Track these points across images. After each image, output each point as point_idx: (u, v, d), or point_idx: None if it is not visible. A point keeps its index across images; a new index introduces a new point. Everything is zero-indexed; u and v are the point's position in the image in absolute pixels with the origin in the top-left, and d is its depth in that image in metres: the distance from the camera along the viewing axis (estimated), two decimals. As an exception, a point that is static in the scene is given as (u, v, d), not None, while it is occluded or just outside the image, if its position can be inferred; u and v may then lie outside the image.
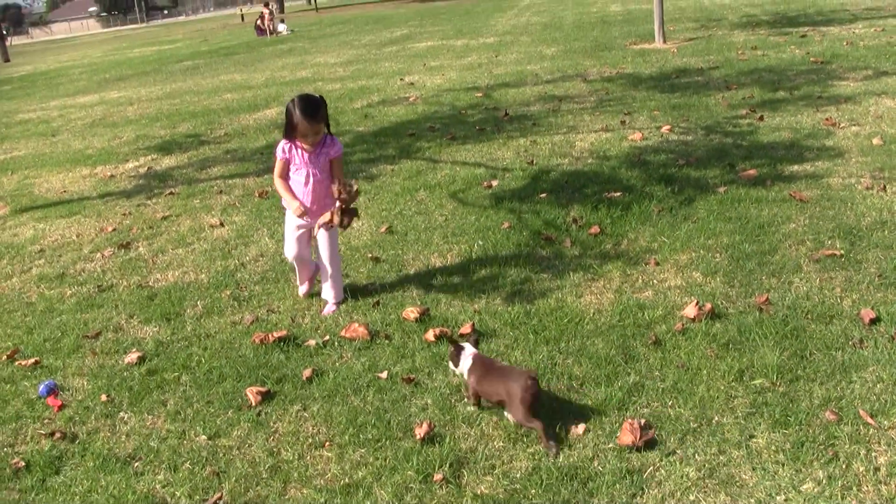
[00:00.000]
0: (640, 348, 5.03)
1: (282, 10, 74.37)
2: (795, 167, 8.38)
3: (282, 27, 41.99)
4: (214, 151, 12.49)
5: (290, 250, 6.16)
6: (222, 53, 32.46)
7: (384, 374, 5.04)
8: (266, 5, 30.62)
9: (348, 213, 5.77)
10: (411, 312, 5.77)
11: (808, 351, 4.81)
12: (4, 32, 67.19)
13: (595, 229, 7.06)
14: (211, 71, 25.62)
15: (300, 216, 5.86)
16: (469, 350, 4.67)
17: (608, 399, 4.50)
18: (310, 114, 5.66)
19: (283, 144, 5.88)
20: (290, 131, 5.76)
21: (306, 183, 5.88)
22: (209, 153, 12.42)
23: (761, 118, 10.58)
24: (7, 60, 52.99)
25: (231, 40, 40.15)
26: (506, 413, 4.41)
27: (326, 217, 5.78)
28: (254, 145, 12.50)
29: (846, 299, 5.43)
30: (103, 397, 5.18)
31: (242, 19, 36.07)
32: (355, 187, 5.73)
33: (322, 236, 6.02)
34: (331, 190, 5.75)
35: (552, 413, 4.36)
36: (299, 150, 5.84)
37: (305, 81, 19.80)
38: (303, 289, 6.42)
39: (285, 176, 5.96)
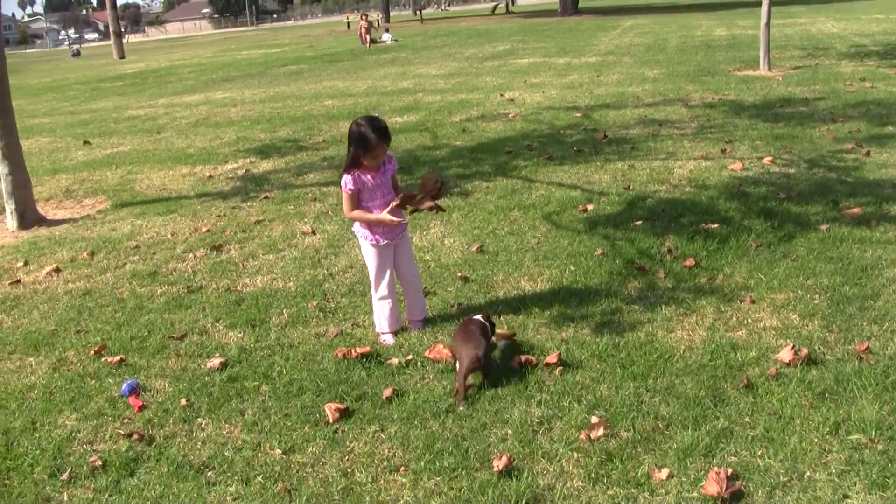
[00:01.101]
0: (731, 391, 4.85)
1: (387, 19, 74.89)
2: (903, 208, 8.12)
3: (386, 36, 42.26)
4: (311, 158, 12.54)
5: (387, 286, 5.90)
6: (326, 60, 32.75)
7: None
8: (364, 16, 30.91)
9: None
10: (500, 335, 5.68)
11: (910, 407, 4.58)
12: (122, 30, 68.70)
13: (690, 261, 6.89)
14: (314, 76, 25.86)
15: (395, 221, 5.68)
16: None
17: (694, 444, 4.34)
18: (383, 131, 5.56)
19: (349, 177, 5.71)
20: (358, 154, 5.60)
21: (384, 206, 5.74)
22: (306, 159, 12.47)
23: (868, 153, 10.30)
24: (122, 57, 54.15)
25: (336, 47, 40.52)
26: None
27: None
28: (350, 154, 12.49)
29: (953, 353, 5.19)
30: (183, 401, 5.17)
31: (348, 27, 36.62)
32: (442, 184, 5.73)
33: (405, 251, 5.96)
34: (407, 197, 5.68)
35: (635, 455, 4.23)
36: (367, 177, 5.70)
37: (406, 92, 19.86)
38: (391, 338, 5.97)
39: (357, 207, 5.80)
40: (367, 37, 39.50)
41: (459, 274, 6.98)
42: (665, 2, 74.65)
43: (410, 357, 5.55)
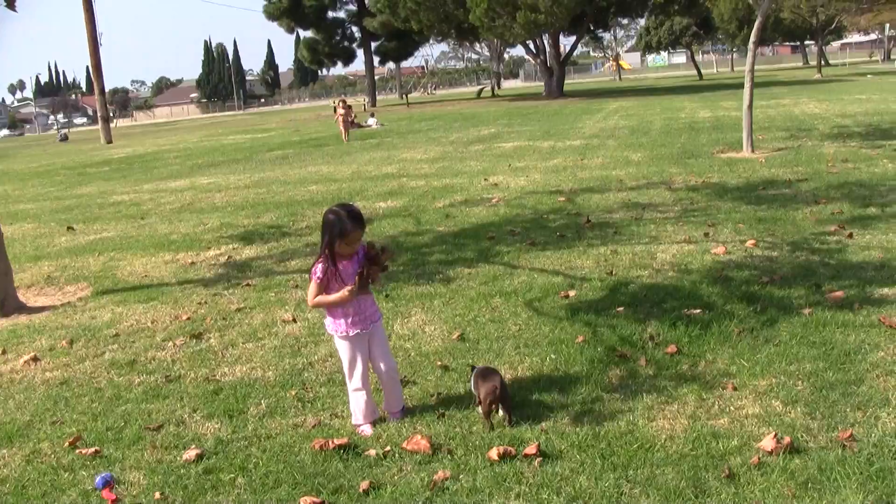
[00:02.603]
0: (713, 482, 4.78)
1: (374, 103, 75.55)
2: (886, 290, 8.10)
3: (371, 121, 42.59)
4: (295, 244, 12.53)
5: (361, 377, 5.83)
6: (312, 144, 32.94)
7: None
8: (341, 103, 30.06)
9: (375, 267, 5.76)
10: (477, 430, 5.61)
11: (895, 497, 4.52)
12: (111, 115, 69.13)
13: (672, 348, 6.84)
14: (300, 161, 25.99)
15: (351, 295, 5.64)
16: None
17: (676, 536, 4.27)
18: (359, 220, 5.59)
19: (321, 265, 5.65)
20: (333, 241, 5.57)
21: (369, 280, 5.74)
22: (289, 245, 12.46)
23: (851, 235, 10.33)
24: (110, 142, 54.39)
25: (322, 132, 40.75)
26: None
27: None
28: (334, 239, 12.49)
29: (938, 440, 5.13)
30: (157, 495, 5.07)
31: (335, 111, 36.80)
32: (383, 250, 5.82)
33: (379, 342, 5.92)
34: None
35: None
36: (340, 265, 5.68)
37: (391, 177, 19.94)
38: (368, 429, 5.84)
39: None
40: (347, 126, 34.94)
41: (439, 362, 6.92)
42: (650, 84, 75.54)
43: (388, 448, 5.47)
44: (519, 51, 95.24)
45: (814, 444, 5.15)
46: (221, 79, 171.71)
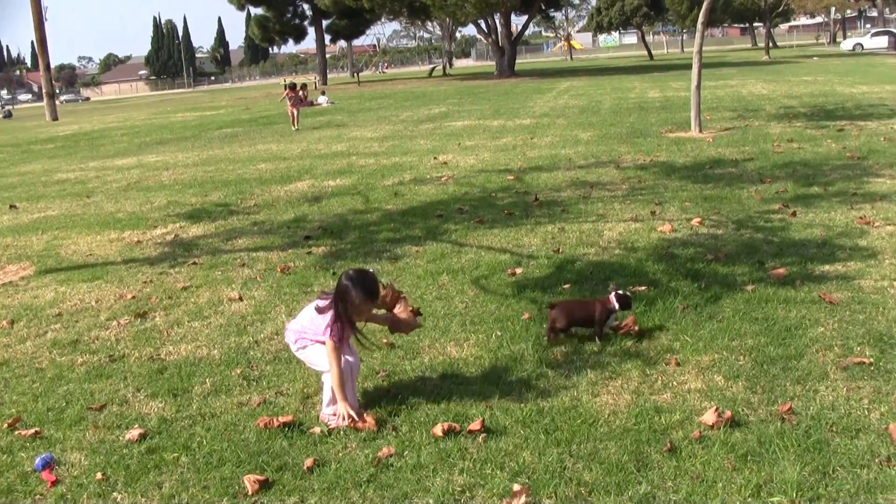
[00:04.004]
0: (655, 455, 4.83)
1: (325, 81, 75.16)
2: (826, 267, 8.22)
3: (322, 99, 42.34)
4: (242, 222, 12.45)
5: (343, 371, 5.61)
6: (262, 122, 32.71)
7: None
8: (290, 88, 29.37)
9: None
10: (422, 407, 5.61)
11: (831, 467, 4.59)
12: (57, 92, 68.12)
13: (616, 324, 6.88)
14: (249, 139, 25.78)
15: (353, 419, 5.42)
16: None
17: (617, 510, 4.31)
18: (371, 295, 5.47)
19: (336, 326, 5.44)
20: (345, 311, 5.43)
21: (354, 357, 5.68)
22: (237, 224, 12.38)
23: (794, 214, 10.45)
24: (55, 119, 53.40)
25: (272, 109, 40.41)
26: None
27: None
28: (282, 218, 12.47)
29: (874, 412, 5.22)
30: (98, 475, 5.01)
31: (285, 88, 36.39)
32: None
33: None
34: None
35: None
36: (349, 330, 5.55)
37: (340, 155, 19.85)
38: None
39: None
40: (297, 108, 29.91)
41: (385, 340, 6.91)
42: (601, 64, 75.73)
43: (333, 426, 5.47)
44: (471, 30, 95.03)
45: (754, 418, 5.22)
46: (171, 56, 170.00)
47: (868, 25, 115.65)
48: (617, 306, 6.64)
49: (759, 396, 5.52)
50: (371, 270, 5.63)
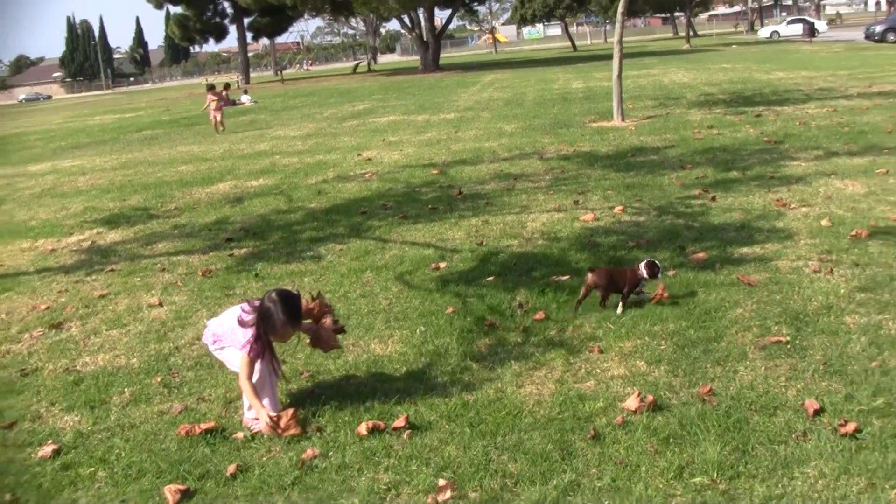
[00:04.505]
0: (579, 443, 4.83)
1: (247, 80, 74.60)
2: (745, 250, 8.34)
3: (245, 98, 42.00)
4: (162, 226, 12.26)
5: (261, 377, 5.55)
6: (183, 124, 32.33)
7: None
8: (212, 89, 28.47)
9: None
10: (347, 406, 5.56)
11: (750, 445, 4.65)
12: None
13: (540, 315, 6.90)
14: (169, 141, 25.43)
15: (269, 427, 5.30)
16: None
17: (542, 499, 4.30)
18: (294, 318, 5.39)
19: (256, 345, 5.35)
20: (267, 331, 5.34)
21: (276, 373, 5.58)
22: (157, 228, 12.18)
23: (714, 199, 10.55)
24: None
25: (193, 110, 39.96)
26: None
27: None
28: (203, 220, 12.31)
29: (791, 389, 5.31)
30: (7, 497, 4.86)
31: (207, 89, 35.84)
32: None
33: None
34: None
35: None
36: (268, 351, 5.46)
37: (263, 155, 19.67)
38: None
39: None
40: (221, 114, 27.65)
41: (307, 340, 6.84)
42: (525, 57, 76.06)
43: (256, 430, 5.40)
44: (395, 25, 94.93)
45: (676, 401, 5.26)
46: (87, 57, 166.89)
47: (784, 13, 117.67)
48: (646, 274, 6.92)
49: (680, 379, 5.57)
50: (296, 292, 5.54)
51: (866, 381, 5.32)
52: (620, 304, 6.92)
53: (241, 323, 5.38)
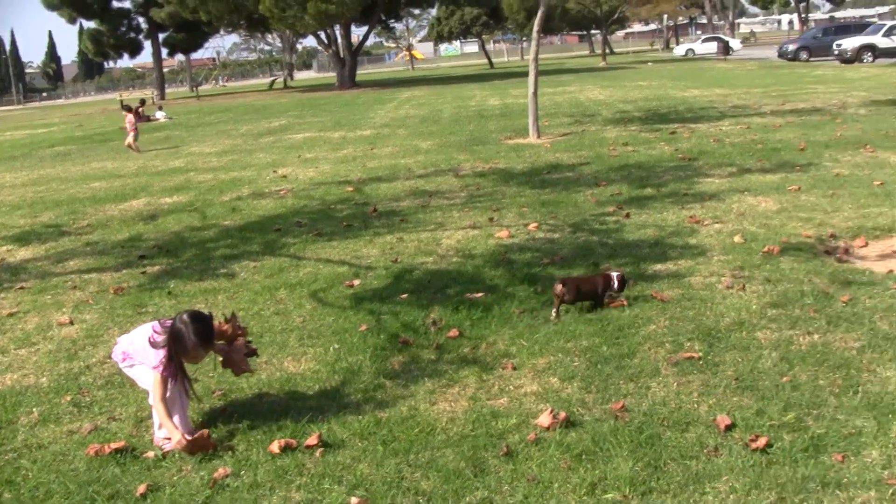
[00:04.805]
0: (492, 460, 4.85)
1: (163, 96, 73.89)
2: (658, 266, 8.43)
3: (160, 114, 41.56)
4: (74, 243, 12.07)
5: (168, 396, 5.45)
6: (97, 140, 31.87)
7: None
8: (128, 109, 27.61)
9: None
10: (259, 424, 5.53)
11: (662, 461, 4.69)
12: None
13: (454, 332, 6.91)
14: (83, 157, 25.04)
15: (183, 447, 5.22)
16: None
17: (454, 517, 4.31)
18: (205, 340, 5.34)
19: (170, 365, 5.30)
20: (178, 353, 5.29)
21: (187, 393, 5.51)
22: (68, 245, 11.99)
23: (628, 215, 10.68)
24: None
25: (107, 126, 39.47)
26: None
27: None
28: (116, 238, 12.14)
29: (703, 404, 5.37)
30: None
31: (122, 105, 35.06)
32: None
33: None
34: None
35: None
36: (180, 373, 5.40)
37: (177, 171, 19.49)
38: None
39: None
40: (135, 134, 26.24)
41: (221, 358, 6.79)
42: (442, 73, 76.30)
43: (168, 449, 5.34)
44: (311, 41, 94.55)
45: (589, 417, 5.30)
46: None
47: (699, 32, 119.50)
48: (616, 287, 7.31)
49: (593, 396, 5.61)
50: (208, 313, 5.48)
51: (777, 397, 5.39)
52: (599, 306, 7.31)
53: (153, 344, 5.32)
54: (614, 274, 7.34)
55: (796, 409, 5.21)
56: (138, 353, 5.46)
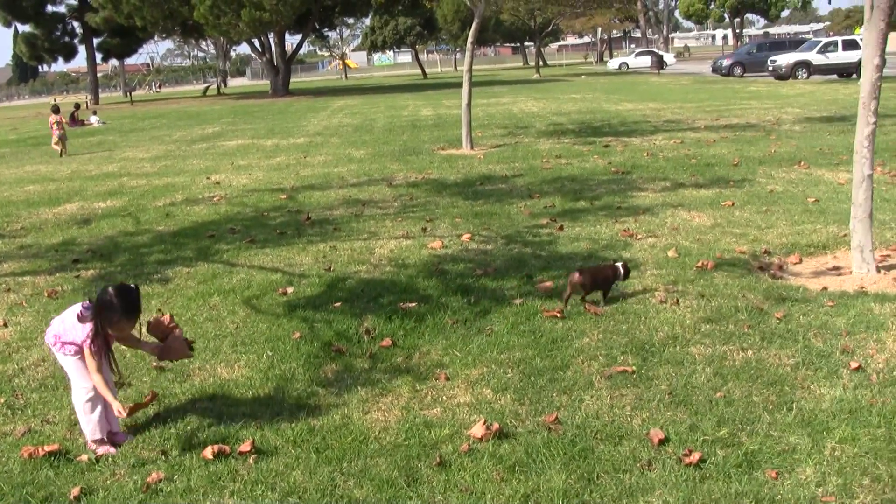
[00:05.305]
0: (425, 470, 4.89)
1: (97, 101, 73.10)
2: (591, 280, 8.49)
3: (94, 119, 41.10)
4: (8, 246, 11.93)
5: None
6: (30, 143, 31.43)
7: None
8: (56, 111, 27.15)
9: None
10: (192, 429, 5.53)
11: (595, 474, 4.76)
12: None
13: (387, 341, 6.96)
14: (16, 161, 24.70)
15: (122, 414, 5.26)
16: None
17: (387, 525, 4.35)
18: (132, 312, 5.29)
19: (92, 336, 5.26)
20: (105, 325, 5.26)
21: (111, 367, 5.47)
22: (2, 248, 11.83)
23: (561, 228, 10.78)
24: None
25: (42, 130, 38.91)
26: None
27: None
28: (50, 241, 12.02)
29: (636, 418, 5.43)
30: None
31: (53, 111, 34.48)
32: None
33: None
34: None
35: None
36: (105, 345, 5.36)
37: (111, 176, 19.31)
38: (108, 447, 5.49)
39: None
40: (64, 137, 26.78)
41: (154, 363, 6.76)
42: (376, 83, 76.23)
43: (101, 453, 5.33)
44: (245, 48, 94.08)
45: (522, 429, 5.35)
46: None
47: (633, 45, 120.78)
48: (622, 273, 7.85)
49: (526, 408, 5.67)
50: (135, 286, 5.45)
51: (711, 412, 5.47)
52: (602, 300, 7.75)
53: (81, 318, 5.30)
54: (619, 264, 7.86)
55: (730, 424, 5.29)
56: (68, 332, 5.40)
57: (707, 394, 5.76)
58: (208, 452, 5.18)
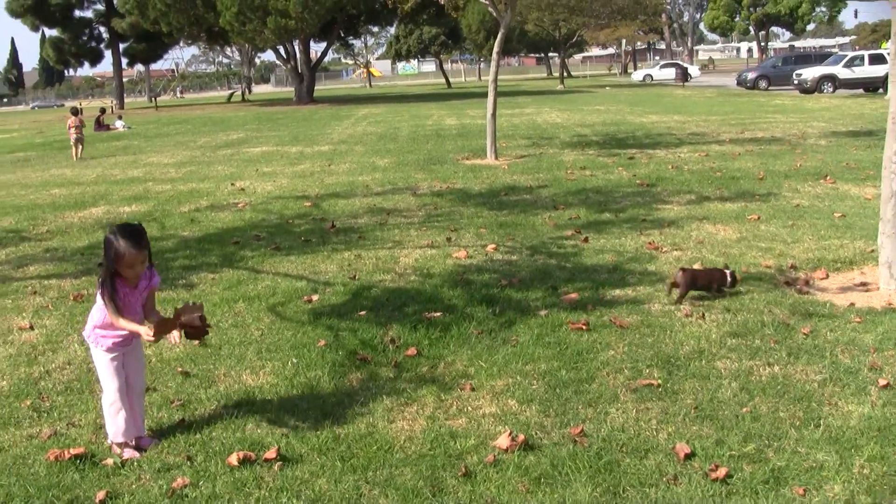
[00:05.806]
0: (450, 480, 4.88)
1: (122, 105, 73.49)
2: (617, 291, 8.48)
3: (119, 124, 41.35)
4: (34, 249, 12.01)
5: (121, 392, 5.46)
6: (56, 147, 31.66)
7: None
8: (75, 113, 27.25)
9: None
10: (218, 436, 5.54)
11: (621, 487, 4.73)
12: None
13: (412, 351, 6.95)
14: (42, 164, 24.92)
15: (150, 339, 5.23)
16: None
17: (413, 534, 4.34)
18: (135, 241, 5.15)
19: (103, 278, 5.23)
20: (112, 265, 5.16)
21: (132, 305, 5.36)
22: (28, 250, 11.93)
23: (586, 239, 10.75)
24: None
25: (67, 134, 39.17)
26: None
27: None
28: (76, 245, 12.09)
29: (662, 432, 5.40)
30: None
31: (81, 112, 34.53)
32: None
33: (136, 355, 5.61)
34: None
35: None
36: (123, 290, 5.25)
37: (136, 181, 19.41)
38: (131, 451, 5.50)
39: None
40: (79, 141, 26.55)
41: (180, 369, 6.79)
42: (400, 92, 76.33)
43: (127, 457, 5.34)
44: (270, 55, 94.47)
45: (547, 441, 5.33)
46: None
47: (657, 57, 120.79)
48: (729, 280, 8.20)
49: (551, 419, 5.65)
50: (138, 223, 5.39)
51: (737, 427, 5.42)
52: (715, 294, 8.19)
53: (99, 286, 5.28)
54: (728, 271, 8.25)
55: (756, 440, 5.25)
56: (92, 317, 5.41)
57: (733, 409, 5.71)
58: (234, 459, 5.19)
